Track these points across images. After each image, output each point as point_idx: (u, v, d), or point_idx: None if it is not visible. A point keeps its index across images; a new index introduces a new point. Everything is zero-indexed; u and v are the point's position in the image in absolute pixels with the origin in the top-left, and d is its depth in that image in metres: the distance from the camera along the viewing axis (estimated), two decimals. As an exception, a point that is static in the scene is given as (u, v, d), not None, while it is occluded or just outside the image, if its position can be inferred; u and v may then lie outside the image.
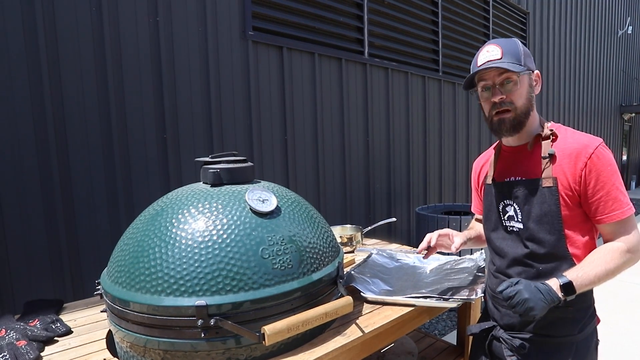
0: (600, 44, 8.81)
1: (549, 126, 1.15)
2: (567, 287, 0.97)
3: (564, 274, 1.00)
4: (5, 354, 0.93)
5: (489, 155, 1.33)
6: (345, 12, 3.19)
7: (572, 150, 1.07)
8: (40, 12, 1.76)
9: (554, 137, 1.13)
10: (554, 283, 0.99)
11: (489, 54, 1.10)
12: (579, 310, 1.10)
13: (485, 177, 1.30)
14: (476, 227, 1.46)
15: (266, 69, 2.65)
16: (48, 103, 1.79)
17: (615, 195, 1.04)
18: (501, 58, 1.08)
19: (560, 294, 0.97)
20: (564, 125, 1.17)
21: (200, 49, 2.31)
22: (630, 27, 10.42)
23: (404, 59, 3.75)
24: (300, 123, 2.88)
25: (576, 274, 0.99)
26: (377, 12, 3.46)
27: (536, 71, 1.15)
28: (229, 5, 2.43)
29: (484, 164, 1.35)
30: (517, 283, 0.99)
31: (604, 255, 1.03)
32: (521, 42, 1.15)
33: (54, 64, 1.81)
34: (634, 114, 11.70)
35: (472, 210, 1.50)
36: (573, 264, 1.07)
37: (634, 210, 1.07)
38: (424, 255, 1.30)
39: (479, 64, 1.12)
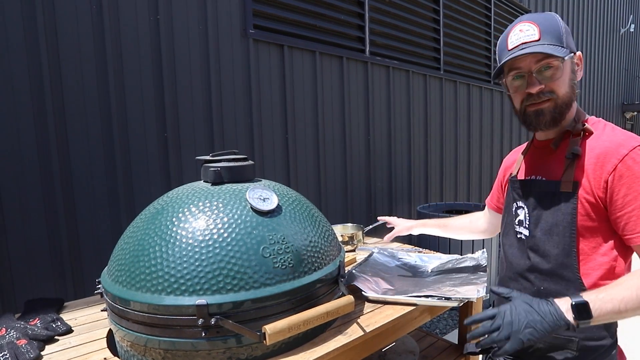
0: (602, 42, 8.79)
1: (586, 120, 0.98)
2: (581, 309, 0.77)
3: (581, 294, 0.80)
4: (5, 353, 0.93)
5: (519, 150, 1.20)
6: (347, 10, 3.18)
7: (602, 149, 0.89)
8: (41, 10, 1.75)
9: (586, 134, 0.95)
10: (564, 302, 0.80)
11: (523, 34, 0.91)
12: (585, 341, 0.92)
13: (511, 174, 1.15)
14: (452, 223, 1.49)
15: (267, 68, 2.64)
16: (48, 101, 1.79)
17: None
18: (539, 39, 0.89)
19: (570, 317, 0.77)
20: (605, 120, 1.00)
21: (201, 47, 2.31)
22: (632, 25, 10.39)
23: (405, 57, 3.74)
24: (301, 121, 2.88)
25: (596, 295, 0.79)
26: (379, 11, 3.45)
27: (578, 52, 0.95)
28: (229, 3, 2.43)
29: (514, 160, 1.20)
30: (508, 298, 0.84)
31: (638, 278, 0.80)
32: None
33: (54, 62, 1.81)
34: (636, 113, 11.66)
35: (487, 201, 1.38)
36: (583, 290, 0.88)
37: None
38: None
39: (510, 46, 0.93)
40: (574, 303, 0.78)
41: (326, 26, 3.02)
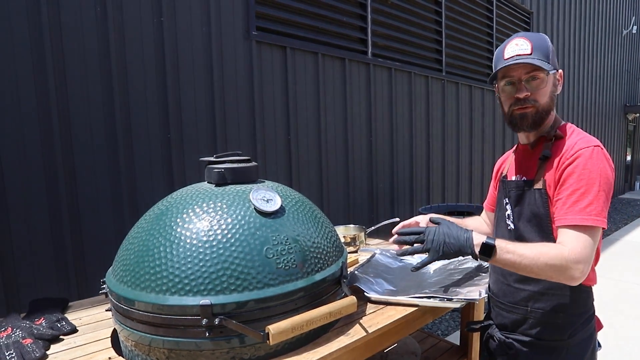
0: (604, 44, 8.77)
1: (560, 126, 1.13)
2: (486, 249, 0.96)
3: (496, 239, 0.98)
4: (11, 352, 0.94)
5: (510, 152, 1.34)
6: (349, 12, 3.19)
7: (562, 152, 1.05)
8: (46, 13, 1.77)
9: (557, 139, 1.10)
10: (479, 237, 0.99)
11: (518, 47, 1.06)
12: (569, 316, 1.09)
13: (502, 173, 1.30)
14: (467, 222, 1.48)
15: (270, 69, 2.65)
16: (53, 103, 1.80)
17: (576, 199, 0.97)
18: (531, 53, 1.04)
19: (477, 250, 0.97)
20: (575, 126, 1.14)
21: (204, 48, 2.32)
22: (635, 27, 10.37)
23: (407, 58, 3.75)
24: (303, 123, 2.88)
25: (505, 245, 0.97)
26: (381, 12, 3.46)
27: (560, 70, 1.12)
28: (232, 6, 2.44)
29: (504, 161, 1.36)
30: (438, 224, 1.05)
31: (542, 245, 0.97)
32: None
33: (59, 64, 1.82)
34: (638, 114, 11.63)
35: (484, 204, 1.49)
36: None
37: (598, 225, 0.96)
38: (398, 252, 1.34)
39: (506, 56, 1.08)
40: (484, 242, 0.97)
41: (328, 28, 3.03)
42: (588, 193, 0.96)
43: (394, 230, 1.22)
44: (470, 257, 1.54)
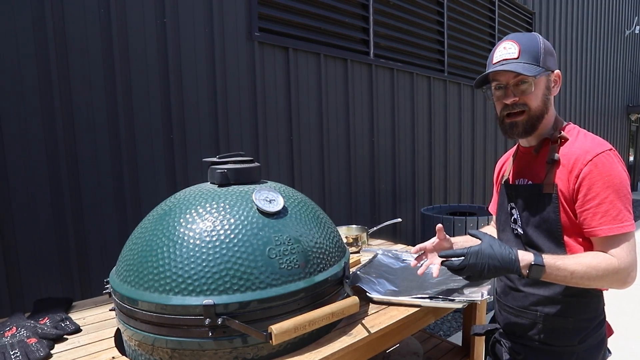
0: (607, 44, 8.75)
1: (563, 127, 1.10)
2: (537, 270, 0.93)
3: (543, 255, 0.96)
4: (16, 351, 0.94)
5: (510, 154, 1.31)
6: (351, 12, 3.19)
7: (574, 156, 1.01)
8: (50, 13, 1.78)
9: (562, 141, 1.07)
10: (526, 258, 0.95)
11: (505, 51, 1.04)
12: (579, 321, 1.06)
13: (503, 176, 1.27)
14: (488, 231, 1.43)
15: (272, 70, 2.66)
16: (57, 104, 1.81)
17: (606, 208, 0.96)
18: (518, 57, 1.02)
19: (524, 272, 0.94)
20: (579, 127, 1.12)
21: (206, 49, 2.33)
22: (637, 27, 10.34)
23: (409, 59, 3.75)
24: (305, 123, 2.89)
25: (554, 262, 0.94)
26: (383, 13, 3.46)
27: (556, 71, 1.08)
28: (235, 7, 2.44)
29: (504, 163, 1.33)
30: (477, 248, 0.97)
31: (592, 258, 0.95)
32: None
33: (63, 65, 1.83)
34: (641, 115, 11.60)
35: (490, 209, 1.47)
36: None
37: (633, 229, 0.97)
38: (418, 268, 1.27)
39: (494, 61, 1.07)
40: (533, 264, 0.94)
41: (330, 29, 3.03)
42: (617, 200, 0.96)
43: (440, 254, 1.12)
44: None
